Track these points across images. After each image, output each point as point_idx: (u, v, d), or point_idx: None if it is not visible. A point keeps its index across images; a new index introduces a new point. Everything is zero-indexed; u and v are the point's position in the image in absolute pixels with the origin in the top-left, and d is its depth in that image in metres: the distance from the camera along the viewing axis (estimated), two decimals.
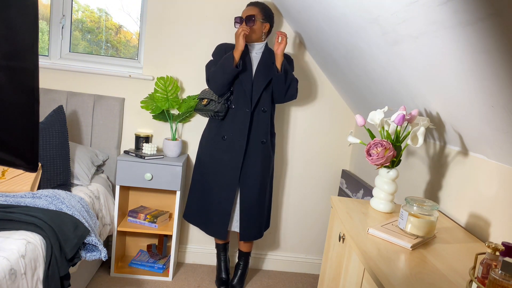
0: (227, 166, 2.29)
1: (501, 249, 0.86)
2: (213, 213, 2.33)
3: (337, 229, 1.50)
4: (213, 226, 2.35)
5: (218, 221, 2.32)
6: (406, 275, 0.99)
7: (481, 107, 1.16)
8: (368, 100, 2.18)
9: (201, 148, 2.44)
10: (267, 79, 2.29)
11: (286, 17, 2.53)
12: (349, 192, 2.54)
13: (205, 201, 2.37)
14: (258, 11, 2.27)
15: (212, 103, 2.31)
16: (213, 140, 2.35)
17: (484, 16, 0.87)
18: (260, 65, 2.31)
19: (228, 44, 2.38)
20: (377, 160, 1.42)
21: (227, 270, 2.55)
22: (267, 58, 2.32)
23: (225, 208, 2.30)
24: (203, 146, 2.42)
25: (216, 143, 2.33)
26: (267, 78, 2.29)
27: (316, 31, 2.15)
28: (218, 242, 2.54)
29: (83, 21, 2.73)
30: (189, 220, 2.48)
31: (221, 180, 2.31)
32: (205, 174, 2.37)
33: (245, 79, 2.28)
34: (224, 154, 2.30)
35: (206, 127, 2.46)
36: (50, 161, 2.15)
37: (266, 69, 2.30)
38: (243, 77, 2.28)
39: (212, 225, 2.35)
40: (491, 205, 1.30)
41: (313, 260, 2.92)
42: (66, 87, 2.61)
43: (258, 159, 2.31)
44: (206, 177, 2.36)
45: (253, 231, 2.36)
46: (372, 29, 1.47)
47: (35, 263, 1.52)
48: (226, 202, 2.30)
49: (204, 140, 2.43)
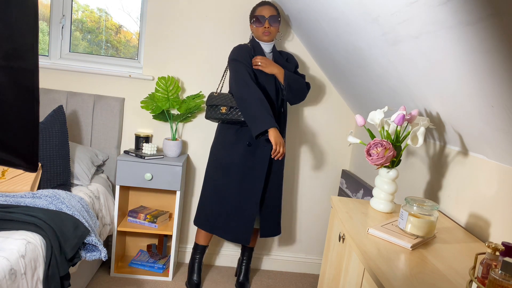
0: (253, 172, 2.23)
1: (501, 249, 0.86)
2: (236, 218, 2.26)
3: (337, 229, 1.50)
4: (234, 232, 2.27)
5: (242, 226, 2.25)
6: (406, 275, 0.99)
7: (481, 107, 1.16)
8: (368, 100, 2.18)
9: (219, 152, 2.31)
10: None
11: (286, 17, 2.54)
12: (349, 192, 2.54)
13: (225, 206, 2.27)
14: (276, 10, 2.26)
15: (233, 110, 2.18)
16: (235, 146, 2.25)
17: (484, 16, 0.87)
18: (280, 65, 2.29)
19: (245, 45, 2.30)
20: (377, 160, 1.42)
21: (200, 273, 2.48)
22: (279, 58, 2.32)
23: (252, 214, 2.24)
24: (221, 150, 2.31)
25: (239, 148, 2.24)
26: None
27: (316, 31, 2.15)
28: (200, 243, 2.44)
29: (83, 21, 2.73)
30: (203, 227, 2.35)
31: (246, 186, 2.23)
32: (227, 179, 2.27)
33: (269, 86, 2.22)
34: (248, 160, 2.23)
35: (220, 133, 2.34)
36: (50, 161, 2.15)
37: (286, 68, 2.29)
38: (267, 85, 2.22)
39: (233, 230, 2.27)
40: (491, 205, 1.30)
41: (313, 260, 2.92)
42: (66, 87, 2.61)
43: (278, 161, 2.30)
44: (228, 182, 2.27)
45: (272, 228, 2.38)
46: (372, 29, 1.47)
47: (35, 263, 1.52)
48: (252, 208, 2.23)
49: (221, 146, 2.31)
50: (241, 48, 2.26)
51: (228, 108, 2.18)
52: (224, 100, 2.21)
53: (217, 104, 2.21)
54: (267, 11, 2.23)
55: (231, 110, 2.18)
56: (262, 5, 2.27)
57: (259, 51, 2.28)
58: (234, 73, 2.19)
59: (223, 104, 2.20)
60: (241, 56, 2.20)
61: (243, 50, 2.24)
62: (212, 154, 2.35)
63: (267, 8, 2.24)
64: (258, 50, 2.28)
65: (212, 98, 2.27)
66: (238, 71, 2.17)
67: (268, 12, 2.23)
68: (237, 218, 2.26)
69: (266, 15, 2.22)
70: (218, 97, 2.25)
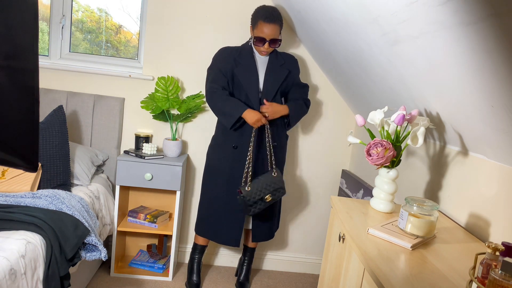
0: (240, 174, 2.22)
1: (501, 249, 0.86)
2: (225, 221, 2.27)
3: (337, 229, 1.50)
4: (224, 234, 2.28)
5: (231, 229, 2.26)
6: (406, 275, 0.99)
7: (481, 107, 1.16)
8: (368, 100, 2.18)
9: (210, 155, 2.36)
10: (276, 85, 2.24)
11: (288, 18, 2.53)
12: (349, 192, 2.54)
13: (214, 209, 2.30)
14: (279, 28, 2.15)
15: None
16: (222, 148, 2.28)
17: (484, 16, 0.87)
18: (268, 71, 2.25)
19: (232, 48, 2.30)
20: (377, 160, 1.42)
21: (199, 273, 2.48)
22: (273, 63, 2.26)
23: (241, 216, 2.25)
24: (211, 153, 2.35)
25: (226, 151, 2.26)
26: (276, 83, 2.25)
27: (316, 31, 2.15)
28: (199, 243, 2.45)
29: (83, 21, 2.73)
30: (196, 230, 2.39)
31: (233, 189, 2.24)
32: (215, 182, 2.29)
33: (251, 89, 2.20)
34: (235, 162, 2.24)
35: (213, 135, 2.39)
36: (50, 161, 2.15)
37: (276, 74, 2.25)
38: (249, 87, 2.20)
39: (222, 233, 2.29)
40: (491, 205, 1.30)
41: (313, 260, 2.92)
42: (66, 87, 2.61)
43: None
44: (215, 185, 2.29)
45: (265, 233, 2.37)
46: (372, 29, 1.47)
47: (35, 263, 1.52)
48: (240, 210, 2.24)
49: (212, 149, 2.36)
50: (221, 53, 2.27)
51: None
52: (260, 187, 2.11)
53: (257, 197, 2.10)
54: (269, 31, 2.11)
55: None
56: (266, 21, 2.11)
57: (246, 56, 2.23)
58: (206, 83, 2.27)
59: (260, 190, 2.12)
60: (219, 61, 2.24)
61: (224, 55, 2.26)
62: (206, 157, 2.40)
63: (271, 28, 2.11)
64: (245, 55, 2.23)
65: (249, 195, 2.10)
66: (207, 80, 2.26)
67: (270, 34, 2.12)
68: (226, 220, 2.27)
69: (267, 37, 2.13)
70: (253, 190, 2.09)
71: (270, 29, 2.12)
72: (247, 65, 2.22)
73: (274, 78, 2.25)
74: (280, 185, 2.15)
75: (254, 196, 2.07)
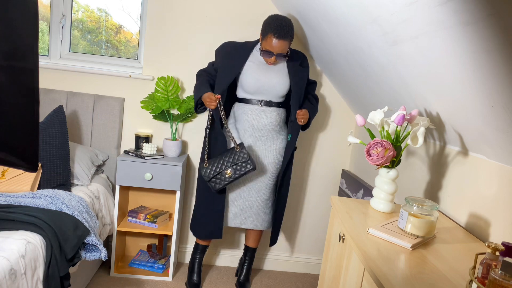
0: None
1: (501, 249, 0.86)
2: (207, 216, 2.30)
3: (337, 229, 1.50)
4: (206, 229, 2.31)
5: (211, 221, 2.28)
6: (406, 275, 0.99)
7: (481, 107, 1.16)
8: (368, 100, 2.18)
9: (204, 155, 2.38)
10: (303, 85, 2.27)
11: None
12: (349, 192, 2.54)
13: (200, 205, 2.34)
14: (289, 43, 2.11)
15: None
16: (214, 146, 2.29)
17: (484, 16, 0.87)
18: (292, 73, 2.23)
19: (235, 42, 2.31)
20: (377, 160, 1.42)
21: (200, 273, 2.49)
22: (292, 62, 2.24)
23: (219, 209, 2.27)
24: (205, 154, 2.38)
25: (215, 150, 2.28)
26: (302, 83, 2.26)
27: (316, 31, 2.15)
28: (201, 243, 2.45)
29: (83, 21, 2.73)
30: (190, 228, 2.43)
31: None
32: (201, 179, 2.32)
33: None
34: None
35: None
36: (50, 161, 2.15)
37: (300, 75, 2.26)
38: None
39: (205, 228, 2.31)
40: (491, 205, 1.30)
41: (313, 260, 2.92)
42: (66, 87, 2.61)
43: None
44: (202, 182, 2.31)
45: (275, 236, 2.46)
46: (372, 29, 1.47)
47: (35, 263, 1.52)
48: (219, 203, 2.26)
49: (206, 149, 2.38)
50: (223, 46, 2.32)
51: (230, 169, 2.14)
52: (217, 162, 2.14)
53: (217, 171, 2.13)
54: (279, 47, 2.07)
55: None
56: (276, 37, 2.05)
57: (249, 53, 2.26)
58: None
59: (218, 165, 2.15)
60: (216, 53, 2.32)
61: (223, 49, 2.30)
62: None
63: (281, 44, 2.06)
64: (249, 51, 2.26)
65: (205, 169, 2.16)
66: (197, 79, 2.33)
67: (279, 49, 2.08)
68: (207, 215, 2.29)
69: (275, 52, 2.08)
70: (210, 166, 2.14)
71: (280, 44, 2.06)
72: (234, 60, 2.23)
73: (299, 77, 2.25)
74: (244, 160, 2.11)
75: (210, 172, 2.11)
